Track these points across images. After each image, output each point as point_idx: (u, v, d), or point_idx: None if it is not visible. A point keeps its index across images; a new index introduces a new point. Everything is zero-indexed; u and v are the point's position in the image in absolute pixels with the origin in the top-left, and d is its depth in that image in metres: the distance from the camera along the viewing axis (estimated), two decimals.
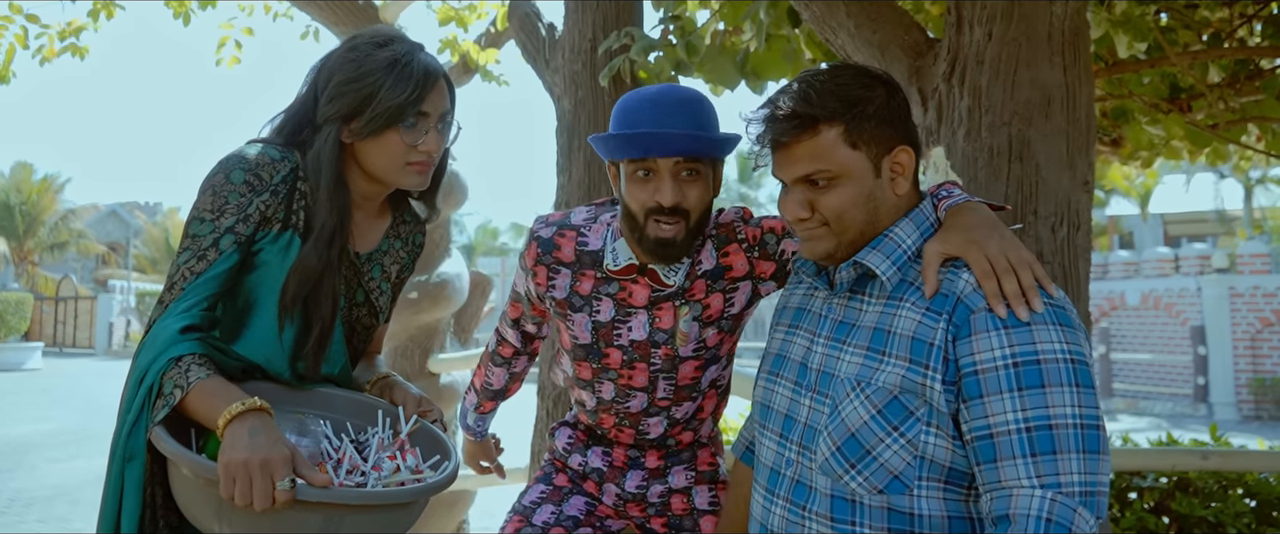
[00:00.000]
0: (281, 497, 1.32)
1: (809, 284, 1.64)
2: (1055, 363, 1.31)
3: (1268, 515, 4.03)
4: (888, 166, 1.46)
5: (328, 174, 1.59)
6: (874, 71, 1.51)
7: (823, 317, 1.55)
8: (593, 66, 3.69)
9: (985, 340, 1.33)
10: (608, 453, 2.11)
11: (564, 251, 1.94)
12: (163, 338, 1.49)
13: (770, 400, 1.60)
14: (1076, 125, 2.28)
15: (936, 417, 1.36)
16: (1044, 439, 1.28)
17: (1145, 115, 3.09)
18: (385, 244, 1.78)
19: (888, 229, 1.48)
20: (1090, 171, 2.34)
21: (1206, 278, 15.29)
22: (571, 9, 3.80)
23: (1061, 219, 2.26)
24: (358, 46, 1.61)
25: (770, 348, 1.68)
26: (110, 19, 5.12)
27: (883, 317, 1.45)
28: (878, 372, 1.41)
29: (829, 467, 1.44)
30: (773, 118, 1.46)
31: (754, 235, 1.90)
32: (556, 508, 2.08)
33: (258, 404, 1.41)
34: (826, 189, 1.45)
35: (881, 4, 2.52)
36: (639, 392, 1.99)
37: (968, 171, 2.31)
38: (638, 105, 1.76)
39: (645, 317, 1.91)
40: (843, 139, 1.43)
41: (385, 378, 1.78)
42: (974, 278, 1.39)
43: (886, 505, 1.40)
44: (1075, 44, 2.29)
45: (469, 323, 5.48)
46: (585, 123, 3.70)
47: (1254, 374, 14.50)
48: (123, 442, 1.49)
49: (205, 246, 1.54)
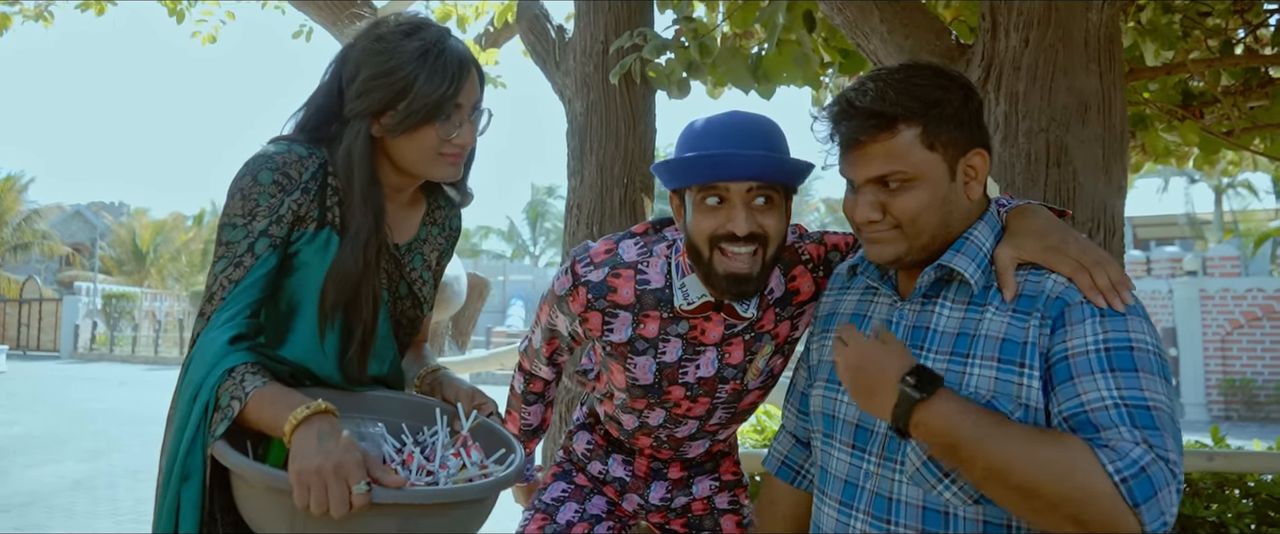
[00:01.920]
0: (358, 501, 1.28)
1: (866, 288, 1.59)
2: (1146, 352, 1.29)
3: (1266, 515, 4.08)
4: (962, 170, 1.43)
5: (361, 173, 1.54)
6: (950, 71, 1.47)
7: (893, 323, 1.50)
8: (605, 69, 3.67)
9: (1079, 329, 1.31)
10: (629, 462, 2.06)
11: (621, 294, 1.78)
12: (212, 350, 1.44)
13: (835, 410, 1.55)
14: (1111, 131, 2.30)
15: (1033, 417, 1.32)
16: (1144, 415, 1.23)
17: (1161, 122, 3.14)
18: (423, 232, 1.73)
19: (966, 232, 1.45)
20: (1124, 177, 2.36)
21: (1178, 281, 15.53)
22: (583, 11, 3.78)
23: (1098, 224, 2.28)
24: (384, 36, 1.55)
25: (826, 355, 1.62)
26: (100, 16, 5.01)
27: (966, 321, 1.41)
28: (966, 376, 1.37)
29: (920, 477, 1.40)
30: (847, 115, 1.42)
31: (818, 253, 1.82)
32: (579, 506, 2.04)
33: (323, 406, 1.36)
34: (900, 191, 1.41)
35: (913, 9, 2.53)
36: (692, 420, 1.92)
37: (1005, 177, 2.32)
38: (707, 129, 1.64)
39: (715, 353, 1.80)
40: (920, 140, 1.39)
41: (434, 372, 1.74)
42: (1062, 279, 1.36)
43: (982, 517, 1.36)
44: (1110, 51, 2.31)
45: (466, 326, 5.44)
46: (597, 125, 3.68)
47: (1224, 375, 14.74)
48: (180, 460, 1.43)
49: (241, 253, 1.50)
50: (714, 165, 1.58)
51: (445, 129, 1.56)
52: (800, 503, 1.74)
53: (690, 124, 1.68)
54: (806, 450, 1.75)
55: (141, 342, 28.94)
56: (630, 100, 3.66)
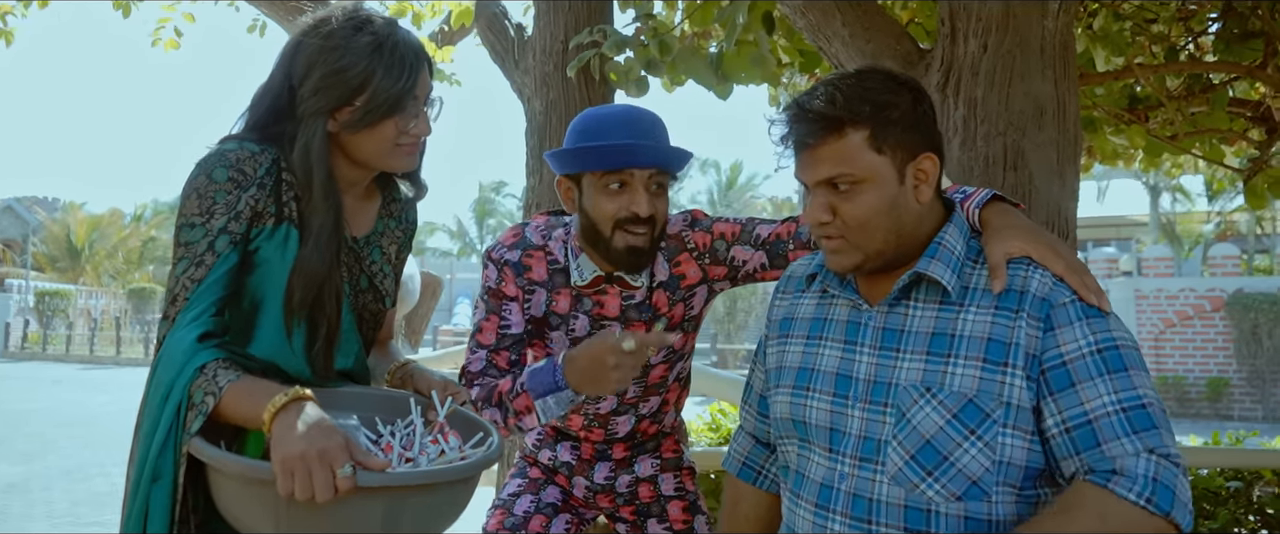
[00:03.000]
0: (344, 484, 1.26)
1: (823, 293, 1.61)
2: (1130, 349, 1.38)
3: (1202, 507, 4.22)
4: (911, 173, 1.45)
5: (320, 170, 1.53)
6: (901, 76, 1.49)
7: (860, 325, 1.52)
8: (564, 68, 3.67)
9: (1070, 332, 1.37)
10: (576, 447, 2.15)
11: (536, 272, 1.96)
12: (181, 350, 1.43)
13: (804, 415, 1.55)
14: (1066, 135, 2.36)
15: (1015, 416, 1.36)
16: (1141, 417, 1.32)
17: (1110, 125, 3.23)
18: (380, 225, 1.73)
19: (938, 236, 1.48)
20: (1077, 180, 2.42)
21: (1114, 281, 15.96)
22: (542, 10, 3.77)
23: (1053, 226, 2.33)
24: (334, 33, 1.54)
25: (786, 360, 1.62)
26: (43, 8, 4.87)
27: (941, 321, 1.44)
28: (946, 375, 1.40)
29: (903, 476, 1.41)
30: (799, 118, 1.45)
31: (704, 242, 1.95)
32: (535, 497, 2.13)
33: (302, 393, 1.35)
34: (849, 193, 1.43)
35: (874, 13, 2.57)
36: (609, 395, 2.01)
37: (963, 179, 2.37)
38: (608, 121, 1.82)
39: (619, 329, 1.94)
40: (868, 143, 1.42)
41: (404, 366, 1.74)
42: (1047, 277, 1.41)
43: (964, 513, 1.38)
44: (1065, 57, 2.37)
45: (419, 324, 5.39)
46: (557, 124, 3.68)
47: (1157, 373, 15.17)
48: (150, 462, 1.41)
49: (201, 251, 1.48)
50: (626, 154, 1.77)
51: (404, 121, 1.56)
52: (763, 504, 1.75)
53: (584, 116, 1.87)
54: (767, 451, 1.76)
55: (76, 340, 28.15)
56: (589, 99, 3.67)
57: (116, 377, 20.25)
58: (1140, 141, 3.16)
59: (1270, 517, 4.18)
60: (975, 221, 1.53)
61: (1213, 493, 4.21)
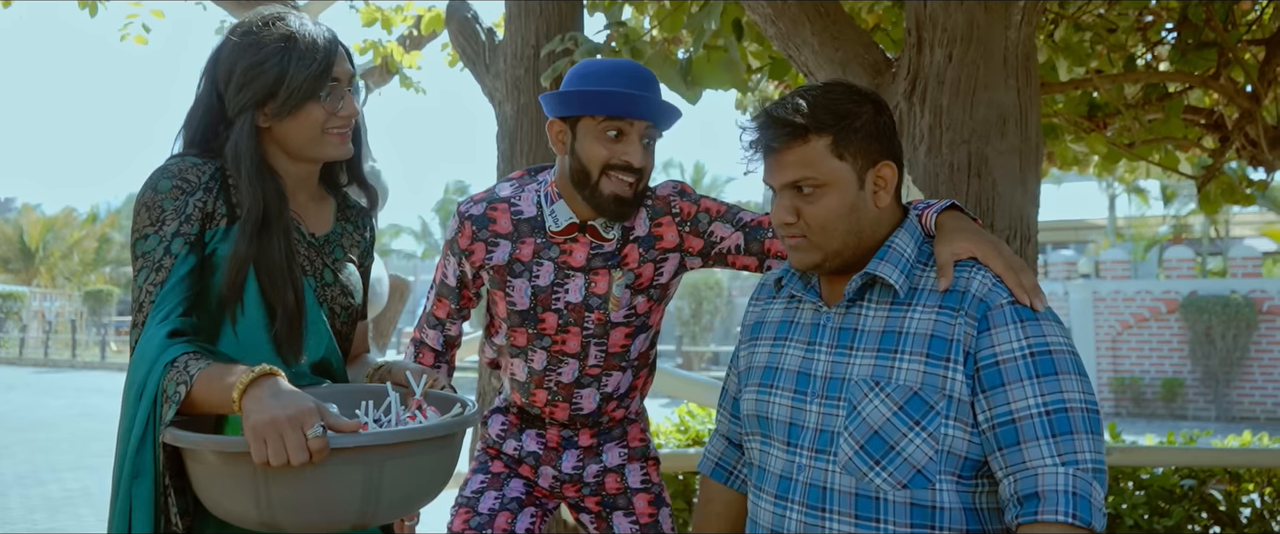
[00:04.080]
0: (315, 444, 1.28)
1: (790, 298, 1.71)
2: (1063, 353, 1.45)
3: (1157, 506, 4.33)
4: (871, 179, 1.55)
5: (247, 162, 1.58)
6: (864, 90, 1.61)
7: (820, 326, 1.62)
8: (535, 72, 3.69)
9: (1004, 333, 1.46)
10: (542, 435, 2.17)
11: (500, 224, 2.02)
12: (152, 348, 1.45)
13: (767, 411, 1.65)
14: (1028, 143, 2.42)
15: (956, 408, 1.46)
16: (1062, 421, 1.41)
17: (1070, 132, 3.31)
18: (338, 227, 1.78)
19: (889, 239, 1.58)
20: (1038, 186, 2.49)
21: (1073, 283, 16.23)
22: (513, 13, 3.79)
23: (1015, 232, 2.40)
24: (249, 30, 1.61)
25: (755, 361, 1.72)
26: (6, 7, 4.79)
27: (891, 320, 1.54)
28: (893, 370, 1.50)
29: (853, 466, 1.51)
30: (766, 125, 1.55)
31: (689, 211, 2.03)
32: (499, 493, 2.15)
33: (268, 369, 1.38)
34: (812, 197, 1.53)
35: (843, 23, 2.62)
36: (571, 359, 2.06)
37: (929, 186, 2.43)
38: (611, 69, 1.90)
39: (582, 280, 2.01)
40: (830, 150, 1.52)
41: (381, 366, 1.77)
42: (987, 278, 1.50)
43: (909, 500, 1.48)
44: (1027, 67, 2.43)
45: (387, 327, 5.37)
46: (528, 128, 3.70)
47: (1114, 374, 15.45)
48: (130, 459, 1.44)
49: (159, 258, 1.53)
50: (627, 102, 1.85)
51: (330, 104, 1.62)
52: (733, 502, 1.83)
53: (586, 62, 1.94)
54: (738, 451, 1.84)
55: (30, 343, 27.62)
56: None
57: (72, 380, 19.90)
58: (1100, 148, 3.24)
59: (1222, 513, 4.30)
60: (931, 227, 1.62)
61: (1167, 491, 4.32)
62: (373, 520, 1.40)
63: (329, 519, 1.36)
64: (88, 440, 10.76)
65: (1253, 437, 4.72)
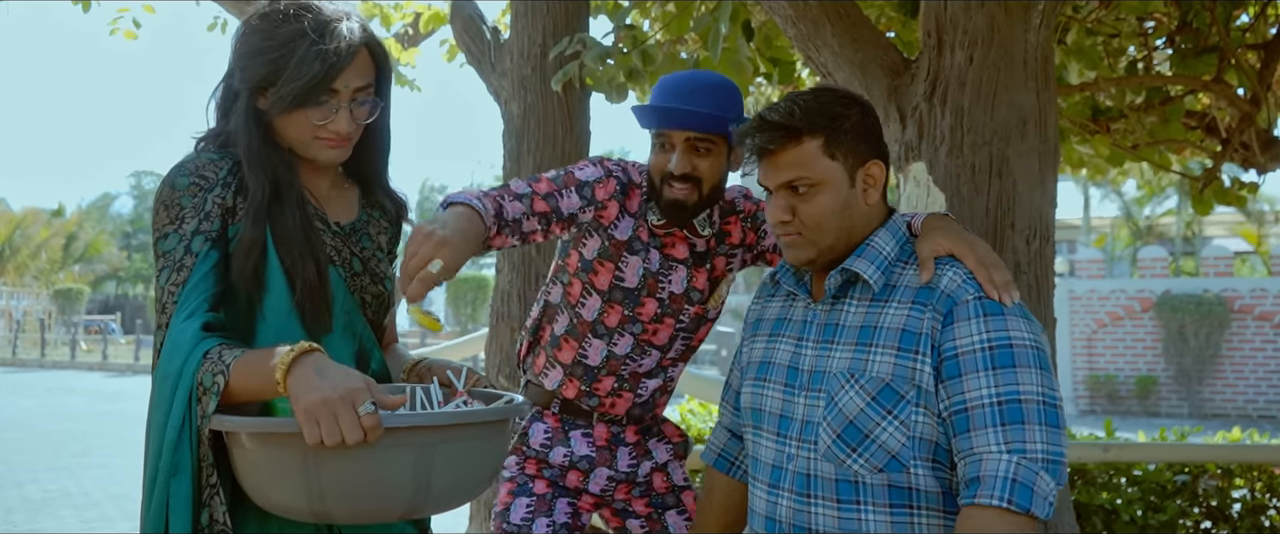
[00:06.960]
0: (368, 421, 1.26)
1: (788, 294, 1.79)
2: (1024, 348, 1.52)
3: (1150, 501, 4.40)
4: (861, 178, 1.64)
5: (250, 139, 1.55)
6: (851, 94, 1.71)
7: (807, 323, 1.70)
8: (543, 71, 3.69)
9: (966, 327, 1.53)
10: (589, 435, 2.12)
11: (632, 202, 2.05)
12: (185, 339, 1.42)
13: (761, 404, 1.74)
14: (1046, 144, 2.46)
15: (924, 397, 1.55)
16: (1013, 411, 1.48)
17: (1076, 135, 3.36)
18: (364, 215, 1.73)
19: (869, 238, 1.65)
20: (1055, 187, 2.52)
21: None
22: (519, 12, 3.78)
23: (1034, 232, 2.43)
24: (269, 15, 1.56)
25: (753, 356, 1.80)
26: None
27: (868, 315, 1.62)
28: (868, 363, 1.58)
29: (832, 453, 1.59)
30: (761, 128, 1.63)
31: (750, 210, 2.13)
32: (549, 519, 2.08)
33: (309, 345, 1.35)
34: (807, 195, 1.61)
35: (863, 25, 2.64)
36: (655, 349, 2.10)
37: (950, 186, 2.45)
38: (664, 84, 1.97)
39: (685, 272, 2.06)
40: (823, 150, 1.61)
41: (418, 363, 1.74)
42: (958, 275, 1.57)
43: (887, 483, 1.57)
44: (1045, 70, 2.47)
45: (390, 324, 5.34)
46: (535, 127, 3.70)
47: (1089, 371, 15.65)
48: (167, 456, 1.39)
49: (180, 257, 1.49)
50: (658, 116, 1.92)
51: (318, 115, 1.55)
52: (734, 491, 1.92)
53: (664, 76, 2.00)
54: (740, 443, 1.91)
55: None
56: (568, 103, 3.70)
57: (41, 380, 19.59)
58: (1105, 151, 3.30)
59: (1214, 508, 4.38)
60: (917, 227, 1.69)
61: (1160, 487, 4.40)
62: (421, 510, 1.39)
63: (379, 507, 1.34)
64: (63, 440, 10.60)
65: (1242, 433, 4.81)
